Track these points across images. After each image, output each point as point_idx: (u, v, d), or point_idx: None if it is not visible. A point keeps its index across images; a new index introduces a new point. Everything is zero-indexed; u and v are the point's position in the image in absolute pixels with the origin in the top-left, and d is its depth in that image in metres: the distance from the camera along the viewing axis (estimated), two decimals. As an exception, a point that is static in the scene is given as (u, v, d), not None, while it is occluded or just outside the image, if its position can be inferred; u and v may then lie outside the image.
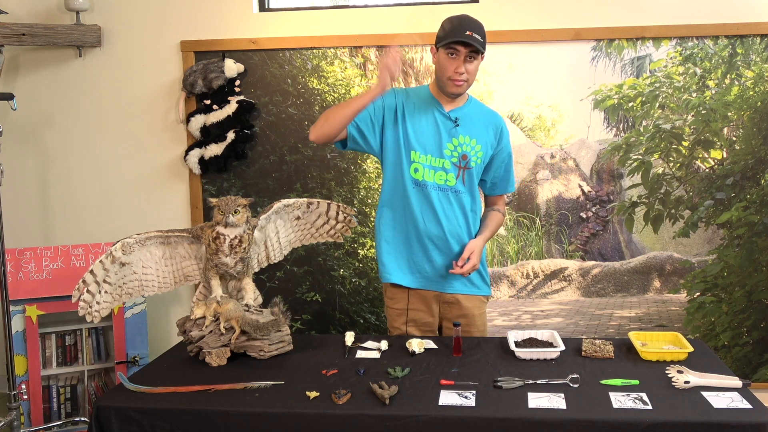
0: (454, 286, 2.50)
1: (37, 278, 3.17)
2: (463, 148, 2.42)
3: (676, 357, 2.16)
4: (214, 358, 2.22)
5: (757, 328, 3.41)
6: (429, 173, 2.41)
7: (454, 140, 2.42)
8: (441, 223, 2.44)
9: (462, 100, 2.46)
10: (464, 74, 2.33)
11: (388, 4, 3.52)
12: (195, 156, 3.49)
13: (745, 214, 3.36)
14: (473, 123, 2.44)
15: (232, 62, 3.44)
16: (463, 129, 2.42)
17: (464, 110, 2.45)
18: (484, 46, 2.34)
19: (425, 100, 2.45)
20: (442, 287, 2.50)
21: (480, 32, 2.32)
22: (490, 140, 2.47)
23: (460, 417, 1.82)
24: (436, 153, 2.41)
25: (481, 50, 2.32)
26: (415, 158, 2.41)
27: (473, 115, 2.46)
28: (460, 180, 2.43)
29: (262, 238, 2.43)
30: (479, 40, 2.30)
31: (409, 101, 2.44)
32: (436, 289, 2.51)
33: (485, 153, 2.46)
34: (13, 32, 3.34)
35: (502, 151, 2.51)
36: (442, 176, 2.42)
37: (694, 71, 3.32)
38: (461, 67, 2.32)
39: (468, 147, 2.43)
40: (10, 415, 2.82)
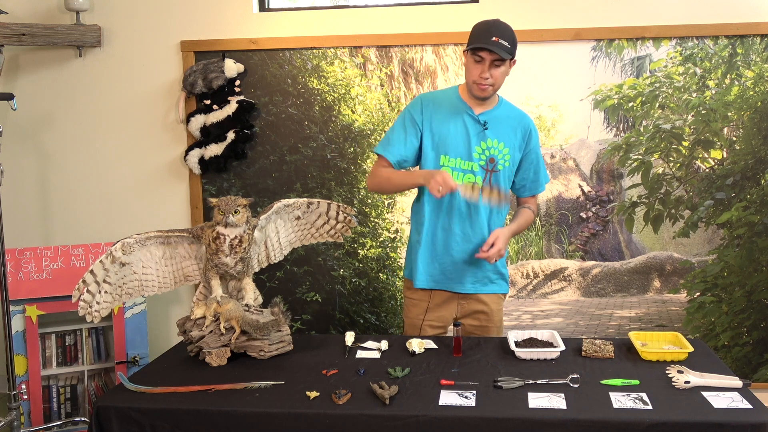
0: (474, 286, 2.52)
1: (37, 278, 3.17)
2: (491, 152, 2.43)
3: (676, 357, 2.16)
4: (214, 358, 2.22)
5: (757, 328, 3.41)
6: (458, 176, 2.43)
7: (482, 143, 2.43)
8: (465, 224, 2.46)
9: (492, 103, 2.46)
10: (489, 79, 2.34)
11: (388, 4, 3.52)
12: (195, 156, 3.49)
13: (745, 214, 3.36)
14: (502, 126, 2.45)
15: (232, 62, 3.44)
16: (492, 132, 2.43)
17: (494, 113, 2.46)
18: (513, 51, 2.34)
19: (454, 103, 2.47)
20: (463, 287, 2.52)
21: (508, 37, 2.32)
22: (518, 143, 2.48)
23: (460, 417, 1.82)
24: (465, 156, 2.43)
25: (506, 57, 2.32)
26: (444, 162, 2.43)
27: (502, 117, 2.47)
28: (487, 183, 2.44)
29: (262, 238, 2.43)
30: (505, 46, 2.30)
31: (438, 106, 2.46)
32: (457, 290, 2.53)
33: (513, 156, 2.47)
34: (13, 32, 3.33)
35: (531, 153, 2.51)
36: (470, 178, 2.43)
37: (694, 71, 3.32)
38: (486, 72, 2.33)
39: (495, 150, 2.44)
40: (10, 415, 2.82)
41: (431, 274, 2.52)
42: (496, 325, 2.57)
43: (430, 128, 2.45)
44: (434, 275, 2.52)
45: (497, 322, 2.58)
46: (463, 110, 2.44)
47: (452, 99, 2.48)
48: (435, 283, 2.53)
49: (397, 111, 3.45)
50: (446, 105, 2.46)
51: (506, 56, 2.31)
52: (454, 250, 2.48)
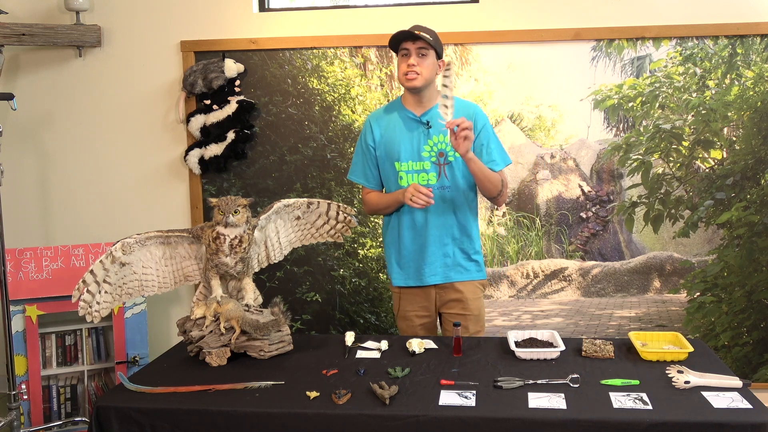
0: (449, 275, 2.59)
1: (37, 278, 3.17)
2: (439, 147, 2.53)
3: (676, 357, 2.16)
4: (214, 358, 2.22)
5: (757, 328, 3.41)
6: (412, 178, 2.54)
7: (429, 141, 2.53)
8: (428, 221, 2.54)
9: (433, 101, 2.54)
10: (416, 67, 2.44)
11: (388, 4, 3.52)
12: (195, 156, 3.49)
13: (745, 214, 3.36)
14: None
15: (232, 62, 3.44)
16: (437, 129, 2.52)
17: (435, 110, 2.51)
18: (434, 44, 2.45)
19: (398, 111, 2.59)
20: (439, 279, 2.60)
21: (429, 32, 2.45)
22: None
23: (460, 417, 1.82)
24: (415, 157, 2.54)
25: (429, 42, 2.42)
26: (398, 167, 2.55)
27: None
28: (443, 177, 2.53)
29: (262, 238, 2.43)
30: (427, 37, 2.42)
31: (383, 119, 2.61)
32: (433, 282, 2.60)
33: None
34: (13, 32, 3.33)
35: (479, 137, 2.54)
36: (423, 177, 2.54)
37: (694, 71, 3.32)
38: (411, 59, 2.44)
39: (443, 144, 2.52)
40: (10, 415, 2.82)
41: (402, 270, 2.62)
42: (473, 313, 2.61)
43: (382, 142, 2.59)
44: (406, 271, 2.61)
45: (474, 310, 2.62)
46: (405, 115, 2.56)
47: (395, 108, 2.60)
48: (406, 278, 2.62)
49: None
50: (390, 115, 2.60)
51: (428, 41, 2.41)
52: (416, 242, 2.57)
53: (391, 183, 2.59)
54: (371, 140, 2.61)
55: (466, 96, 3.42)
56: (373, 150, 2.61)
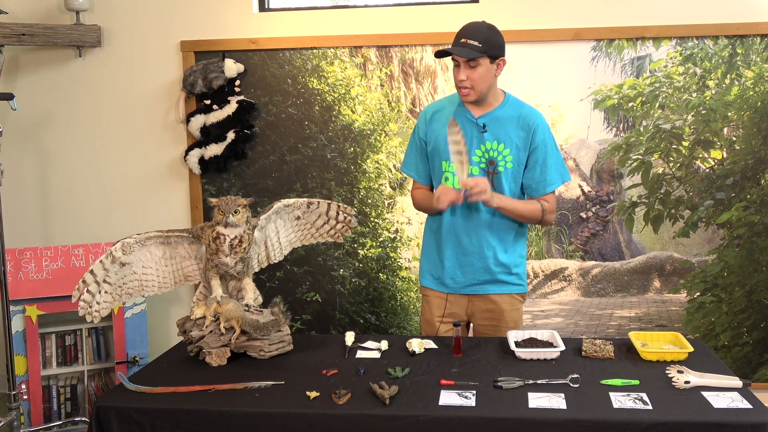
0: (486, 288, 2.51)
1: (37, 278, 3.17)
2: (490, 154, 2.40)
3: (676, 357, 2.16)
4: (214, 358, 2.22)
5: (757, 328, 3.41)
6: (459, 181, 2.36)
7: (482, 146, 2.40)
8: (469, 228, 2.45)
9: (495, 103, 2.42)
10: (466, 81, 2.31)
11: (388, 4, 3.52)
12: (195, 156, 3.49)
13: (745, 214, 3.36)
14: (503, 126, 2.40)
15: (232, 62, 3.44)
16: (491, 134, 2.39)
17: (495, 114, 2.41)
18: (487, 49, 2.28)
19: (456, 107, 2.45)
20: (474, 291, 2.52)
21: (478, 36, 2.29)
22: (521, 142, 2.40)
23: (461, 417, 1.82)
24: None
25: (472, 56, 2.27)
26: (445, 167, 2.43)
27: (505, 117, 2.41)
28: (491, 186, 2.36)
29: (262, 238, 2.43)
30: (474, 45, 2.27)
31: (439, 114, 2.47)
32: (470, 293, 2.53)
33: (516, 156, 2.40)
34: (13, 32, 3.33)
35: (536, 151, 2.40)
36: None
37: (694, 71, 3.32)
38: (461, 74, 2.31)
39: (495, 152, 2.40)
40: (10, 415, 2.82)
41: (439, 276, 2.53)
42: (508, 325, 2.52)
43: (434, 138, 2.46)
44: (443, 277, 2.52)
45: (510, 323, 2.53)
46: (462, 114, 2.42)
47: (455, 103, 2.47)
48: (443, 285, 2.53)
49: (396, 111, 3.45)
50: (447, 111, 2.45)
51: (473, 55, 2.26)
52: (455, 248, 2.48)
53: (437, 181, 2.48)
54: (423, 133, 2.49)
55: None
56: (424, 144, 2.49)
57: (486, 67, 2.31)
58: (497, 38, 2.32)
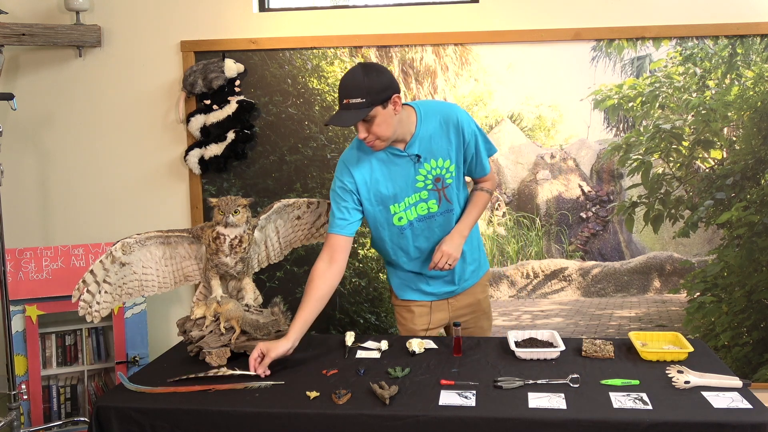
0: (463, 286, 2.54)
1: (37, 278, 3.17)
2: (434, 173, 2.34)
3: (676, 357, 2.16)
4: (214, 358, 2.22)
5: (757, 328, 3.41)
6: (411, 212, 2.36)
7: (422, 171, 2.32)
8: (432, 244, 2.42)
9: (412, 128, 2.29)
10: (369, 137, 2.18)
11: (388, 4, 3.52)
12: (195, 156, 3.49)
13: (745, 214, 3.36)
14: (433, 143, 2.32)
15: (232, 62, 3.44)
16: (427, 156, 2.31)
17: (419, 137, 2.30)
18: (370, 101, 2.11)
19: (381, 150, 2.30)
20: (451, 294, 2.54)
21: (358, 93, 2.11)
22: (455, 144, 2.34)
23: (461, 417, 1.82)
24: (410, 192, 2.34)
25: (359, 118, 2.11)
26: (395, 210, 2.36)
27: (428, 134, 2.31)
28: (444, 201, 2.37)
29: (262, 238, 2.43)
30: (358, 103, 2.10)
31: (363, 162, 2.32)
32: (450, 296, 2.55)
33: (456, 161, 2.36)
34: (13, 32, 3.33)
35: (470, 145, 2.35)
36: (423, 207, 2.36)
37: (694, 71, 3.32)
38: (361, 132, 2.19)
39: (438, 169, 2.34)
40: (10, 415, 2.82)
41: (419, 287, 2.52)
42: (485, 311, 2.62)
43: (365, 187, 2.32)
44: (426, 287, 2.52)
45: (486, 308, 2.63)
46: (390, 152, 2.30)
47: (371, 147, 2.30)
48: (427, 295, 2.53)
49: (397, 111, 3.45)
50: (368, 156, 2.32)
51: (357, 117, 2.11)
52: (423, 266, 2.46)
53: (382, 224, 2.39)
54: (351, 185, 2.32)
55: (466, 96, 3.42)
56: (356, 194, 2.33)
57: (381, 115, 2.15)
58: (379, 82, 2.14)
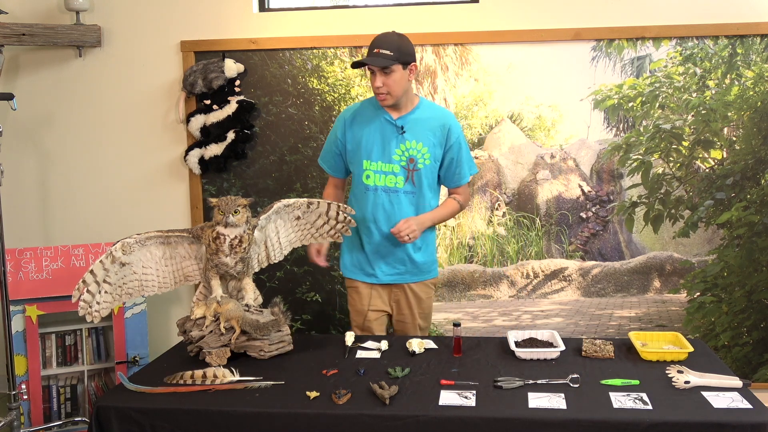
0: (405, 278, 2.68)
1: (37, 278, 3.17)
2: (410, 152, 2.57)
3: (676, 357, 2.16)
4: (214, 358, 2.22)
5: (757, 328, 3.41)
6: (379, 178, 2.60)
7: (402, 146, 2.57)
8: (390, 222, 2.60)
9: (410, 106, 2.60)
10: (382, 87, 2.48)
11: (387, 4, 3.52)
12: (195, 156, 3.49)
13: (745, 214, 3.36)
14: (420, 127, 2.59)
15: (232, 62, 3.44)
16: (410, 134, 2.57)
17: (411, 116, 2.59)
18: (399, 57, 2.45)
19: (374, 109, 2.62)
20: (395, 280, 2.69)
21: (390, 46, 2.45)
22: (438, 140, 2.60)
23: (460, 417, 1.83)
24: (385, 159, 2.58)
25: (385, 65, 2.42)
26: (367, 166, 2.61)
27: (421, 119, 2.60)
28: (410, 182, 2.59)
29: (262, 238, 2.43)
30: (386, 54, 2.44)
31: (358, 116, 2.64)
32: (391, 282, 2.69)
33: (433, 153, 2.59)
34: (13, 32, 3.33)
35: (452, 148, 2.61)
36: (392, 180, 2.59)
37: (694, 71, 3.32)
38: (377, 81, 2.47)
39: (414, 151, 2.57)
40: (10, 415, 2.82)
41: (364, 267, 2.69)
42: (425, 312, 2.74)
43: (353, 138, 2.63)
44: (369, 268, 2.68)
45: (426, 309, 2.74)
46: (381, 116, 2.59)
47: (374, 105, 2.62)
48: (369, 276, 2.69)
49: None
50: (366, 113, 2.63)
51: (386, 64, 2.43)
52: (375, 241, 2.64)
53: (357, 177, 2.66)
54: (342, 134, 2.66)
55: (466, 96, 3.42)
56: (341, 144, 2.67)
57: (400, 74, 2.48)
58: (408, 46, 2.51)
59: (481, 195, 3.51)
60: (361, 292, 2.72)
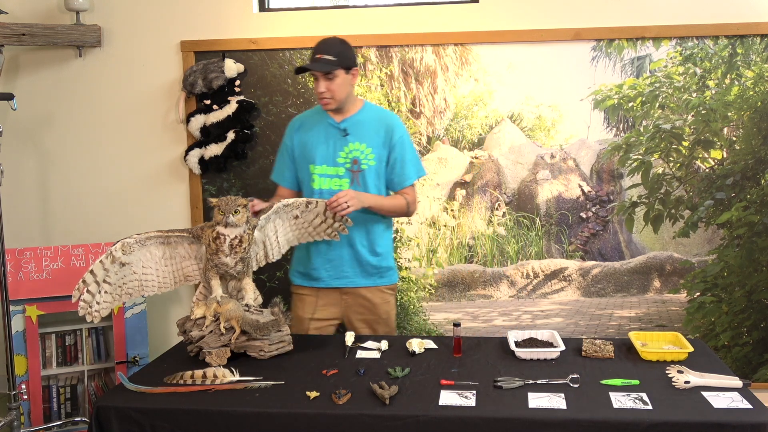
0: (356, 281, 2.65)
1: (37, 278, 3.17)
2: (354, 154, 2.59)
3: (676, 357, 2.16)
4: (214, 358, 2.22)
5: (757, 328, 3.41)
6: (325, 181, 2.61)
7: (345, 148, 2.60)
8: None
9: (353, 109, 2.63)
10: (326, 92, 2.51)
11: (388, 4, 3.52)
12: (195, 156, 3.49)
13: (745, 214, 3.36)
14: (364, 129, 2.61)
15: (232, 62, 3.44)
16: (354, 136, 2.60)
17: (355, 118, 2.62)
18: (340, 62, 2.49)
19: (318, 116, 2.65)
20: (344, 284, 2.65)
21: (332, 51, 2.50)
22: (381, 141, 2.60)
23: (460, 417, 1.82)
24: (330, 162, 2.60)
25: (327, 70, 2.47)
26: (313, 170, 2.62)
27: (364, 121, 2.62)
28: (355, 183, 2.60)
29: (262, 238, 2.44)
30: (328, 60, 2.47)
31: (304, 123, 2.69)
32: (339, 285, 2.65)
33: (378, 154, 2.60)
34: (13, 32, 3.33)
35: (395, 149, 2.62)
36: (336, 182, 2.60)
37: (694, 71, 3.32)
38: (321, 86, 2.51)
39: (358, 152, 2.59)
40: (10, 415, 2.82)
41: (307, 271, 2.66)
42: (382, 317, 2.67)
43: (300, 144, 2.66)
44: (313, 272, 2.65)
45: (383, 314, 2.68)
46: (325, 120, 2.63)
47: (317, 113, 2.67)
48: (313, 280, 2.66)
49: (397, 111, 3.45)
50: (311, 120, 2.68)
51: (328, 69, 2.47)
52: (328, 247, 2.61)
53: (305, 184, 2.66)
54: (289, 142, 2.70)
55: (466, 96, 3.42)
56: (290, 151, 2.69)
57: (342, 78, 2.52)
58: (349, 51, 2.56)
59: (481, 195, 3.51)
60: (305, 299, 2.69)
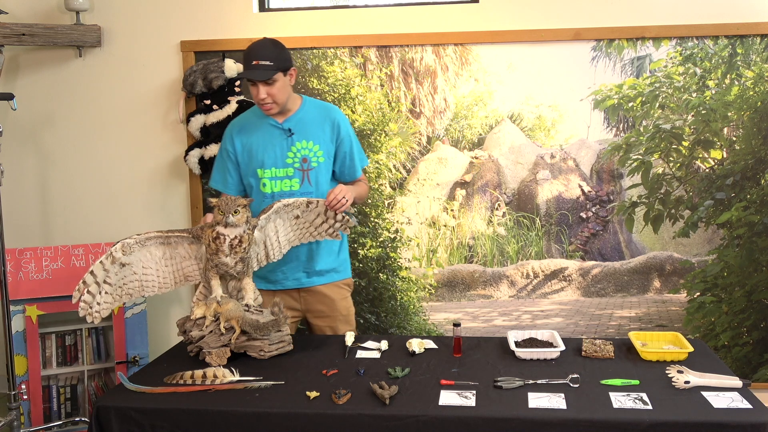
0: (312, 280, 2.66)
1: (37, 278, 3.17)
2: (302, 153, 2.58)
3: (676, 357, 2.16)
4: (214, 358, 2.22)
5: (757, 328, 3.41)
6: (275, 184, 2.59)
7: (293, 148, 2.58)
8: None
9: (294, 107, 2.60)
10: (267, 98, 2.48)
11: (388, 4, 3.52)
12: (195, 156, 3.49)
13: (745, 214, 3.36)
14: (309, 126, 2.59)
15: (232, 62, 3.44)
16: (299, 135, 2.58)
17: (298, 116, 2.60)
18: (279, 66, 2.45)
19: (259, 118, 2.62)
20: (301, 284, 2.66)
21: (268, 56, 2.45)
22: (328, 136, 2.61)
23: (460, 417, 1.83)
24: (278, 164, 2.58)
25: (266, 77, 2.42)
26: (261, 174, 2.59)
27: (307, 118, 2.61)
28: (306, 182, 2.58)
29: (262, 238, 2.44)
30: (266, 65, 2.42)
31: (245, 127, 2.64)
32: (297, 286, 2.66)
33: (326, 150, 2.60)
34: (13, 32, 3.33)
35: (343, 143, 2.62)
36: (287, 184, 2.59)
37: (694, 71, 3.32)
38: (261, 93, 2.47)
39: (306, 150, 2.58)
40: (10, 415, 2.82)
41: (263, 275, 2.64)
42: (341, 313, 2.68)
43: (243, 148, 2.61)
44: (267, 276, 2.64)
45: (343, 310, 2.69)
46: (267, 122, 2.59)
47: (257, 115, 2.62)
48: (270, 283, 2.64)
49: (396, 111, 3.45)
50: (252, 123, 2.63)
51: (267, 76, 2.42)
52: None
53: (254, 189, 2.63)
54: (231, 147, 2.64)
55: (466, 96, 3.42)
56: (233, 157, 2.64)
57: (282, 81, 2.49)
58: (284, 52, 2.52)
59: (481, 195, 3.51)
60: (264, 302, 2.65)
